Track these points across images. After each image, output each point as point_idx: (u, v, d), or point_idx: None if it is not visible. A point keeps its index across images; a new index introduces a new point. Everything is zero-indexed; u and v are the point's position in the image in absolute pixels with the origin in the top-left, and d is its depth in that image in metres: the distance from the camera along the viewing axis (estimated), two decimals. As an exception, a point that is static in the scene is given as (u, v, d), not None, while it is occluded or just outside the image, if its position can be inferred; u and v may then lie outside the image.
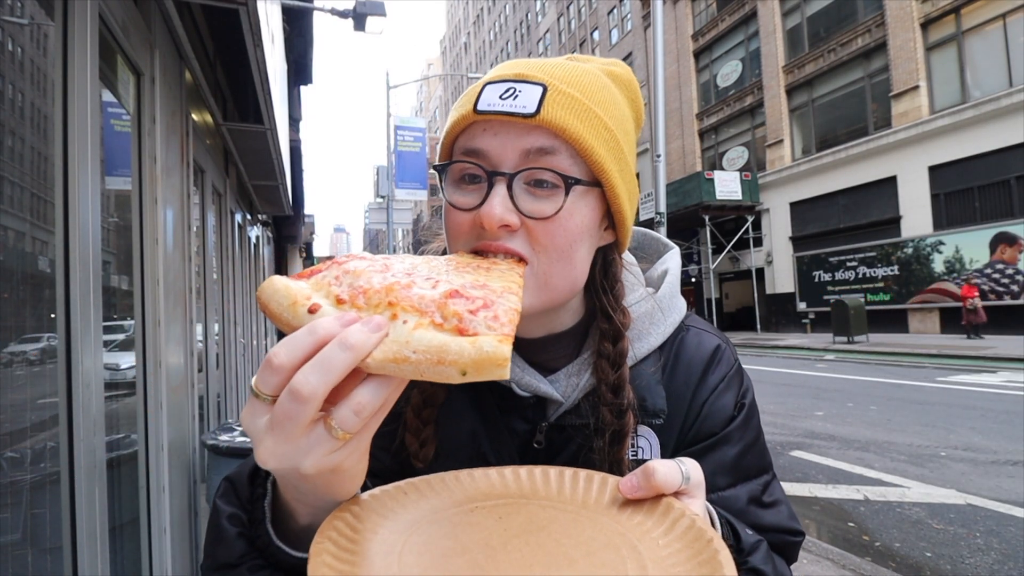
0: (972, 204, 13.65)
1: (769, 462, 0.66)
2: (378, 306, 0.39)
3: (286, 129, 5.14)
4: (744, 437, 0.64)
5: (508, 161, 0.54)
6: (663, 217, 7.52)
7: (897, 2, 14.98)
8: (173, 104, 2.32)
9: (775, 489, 0.65)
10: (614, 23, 28.23)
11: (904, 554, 3.21)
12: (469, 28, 59.12)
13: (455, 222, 0.56)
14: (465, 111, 0.55)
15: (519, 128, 0.54)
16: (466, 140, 0.56)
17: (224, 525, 0.50)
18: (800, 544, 0.65)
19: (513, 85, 0.54)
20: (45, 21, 1.42)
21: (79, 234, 1.38)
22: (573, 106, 0.54)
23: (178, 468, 2.23)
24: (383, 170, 18.89)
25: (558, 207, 0.54)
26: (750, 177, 19.05)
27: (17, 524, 1.31)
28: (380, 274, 0.42)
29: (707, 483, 0.59)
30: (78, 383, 1.36)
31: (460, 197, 0.56)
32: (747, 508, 0.61)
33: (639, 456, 0.61)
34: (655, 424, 0.62)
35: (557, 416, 0.62)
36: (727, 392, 0.65)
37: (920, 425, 6.08)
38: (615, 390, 0.60)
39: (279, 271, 11.53)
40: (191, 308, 2.53)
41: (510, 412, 0.63)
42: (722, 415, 0.64)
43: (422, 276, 0.44)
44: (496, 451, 0.62)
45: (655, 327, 0.65)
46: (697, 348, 0.67)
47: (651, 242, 0.77)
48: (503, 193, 0.53)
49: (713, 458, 0.62)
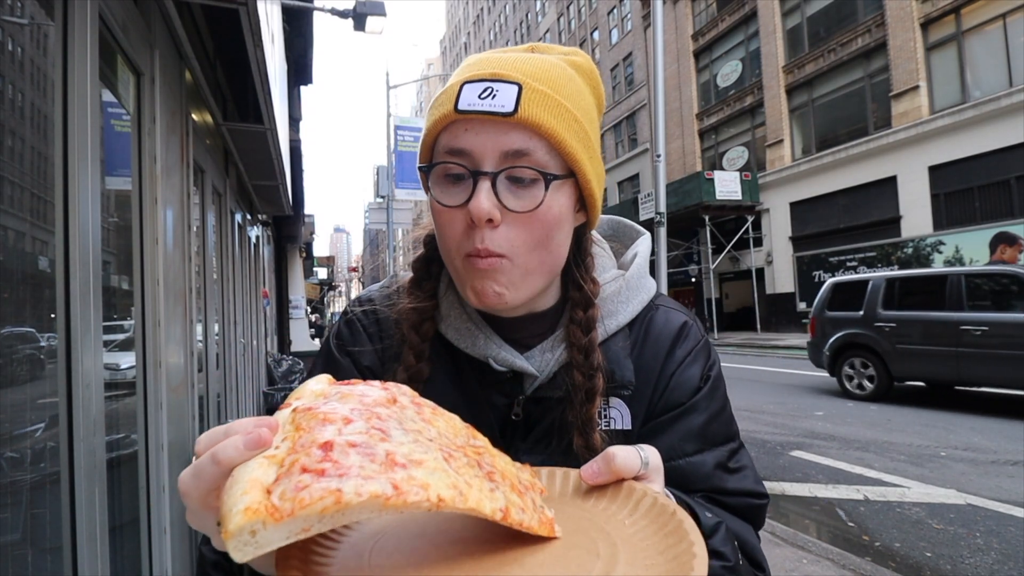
0: (972, 204, 13.65)
1: (736, 432, 0.70)
2: (292, 426, 0.38)
3: (286, 129, 5.14)
4: (710, 407, 0.68)
5: (489, 159, 0.57)
6: (663, 217, 7.50)
7: (897, 2, 14.97)
8: (173, 104, 2.33)
9: (742, 457, 0.68)
10: (614, 23, 28.22)
11: (904, 554, 3.21)
12: (469, 28, 59.11)
13: (444, 220, 0.60)
14: (446, 110, 0.58)
15: (499, 126, 0.57)
16: (449, 139, 0.59)
17: (209, 572, 0.53)
18: (766, 507, 0.68)
19: (490, 85, 0.57)
20: (45, 21, 1.41)
21: (79, 234, 1.38)
22: (546, 103, 0.58)
23: (178, 468, 2.22)
24: (383, 170, 18.89)
25: (538, 201, 0.58)
26: (750, 177, 19.05)
27: (17, 524, 1.31)
28: (351, 413, 0.39)
29: (675, 449, 0.65)
30: (78, 383, 1.36)
31: (446, 196, 0.59)
32: (713, 472, 0.65)
33: (611, 426, 0.66)
34: (625, 395, 0.67)
35: (533, 389, 0.66)
36: (694, 364, 0.69)
37: (920, 425, 6.09)
38: (586, 353, 0.64)
39: (279, 271, 11.53)
40: (191, 308, 2.53)
41: (489, 387, 0.67)
42: (689, 386, 0.68)
43: (405, 429, 0.40)
44: (476, 425, 0.65)
45: (624, 305, 0.70)
46: (665, 324, 0.71)
47: (625, 229, 0.81)
48: (488, 189, 0.57)
49: (680, 426, 0.66)
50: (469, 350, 0.66)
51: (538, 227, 0.59)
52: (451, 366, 0.68)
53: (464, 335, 0.67)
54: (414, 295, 0.69)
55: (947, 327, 6.75)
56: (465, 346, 0.67)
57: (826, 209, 17.29)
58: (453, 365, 0.68)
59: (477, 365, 0.67)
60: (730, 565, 0.52)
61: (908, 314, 7.22)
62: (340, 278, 61.08)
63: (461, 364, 0.68)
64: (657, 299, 0.73)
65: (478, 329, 0.67)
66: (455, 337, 0.67)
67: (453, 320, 0.68)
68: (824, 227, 17.29)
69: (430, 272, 0.71)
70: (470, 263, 0.59)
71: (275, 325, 10.91)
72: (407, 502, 0.34)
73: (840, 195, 16.82)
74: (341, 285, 79.38)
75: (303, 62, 7.49)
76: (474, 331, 0.67)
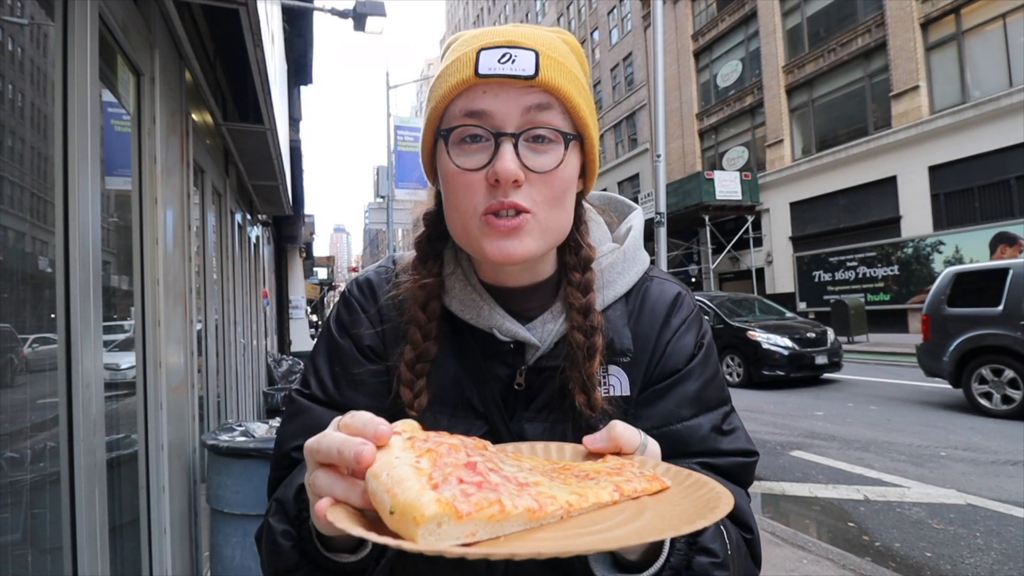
0: (972, 204, 13.65)
1: (727, 396, 0.73)
2: (419, 450, 0.42)
3: (286, 129, 5.14)
4: (704, 373, 0.70)
5: (511, 119, 0.59)
6: (663, 217, 7.51)
7: (897, 2, 14.97)
8: (173, 104, 2.32)
9: (733, 418, 0.71)
10: (614, 23, 28.22)
11: (904, 554, 3.21)
12: (469, 28, 58.97)
13: (462, 183, 0.61)
14: (466, 75, 0.59)
15: (518, 89, 0.59)
16: (466, 102, 0.60)
17: (279, 541, 0.57)
18: (755, 464, 0.70)
19: (508, 51, 0.59)
20: (45, 21, 1.41)
21: (79, 234, 1.38)
22: (560, 69, 0.61)
23: (178, 468, 2.23)
24: (383, 170, 18.88)
25: (558, 161, 0.61)
26: (750, 177, 19.04)
27: (17, 524, 1.31)
28: (458, 447, 0.44)
29: (673, 414, 0.68)
30: (78, 383, 1.36)
31: (467, 159, 0.60)
32: (709, 435, 0.68)
33: (611, 393, 0.67)
34: (623, 362, 0.69)
35: (535, 359, 0.68)
36: (688, 333, 0.72)
37: (920, 425, 6.08)
38: (585, 313, 0.66)
39: (279, 271, 11.53)
40: (191, 308, 2.53)
41: (492, 357, 0.68)
42: (684, 353, 0.70)
43: (506, 464, 0.46)
44: (481, 396, 0.68)
45: (621, 276, 0.72)
46: (660, 295, 0.73)
47: (617, 204, 0.83)
48: (511, 150, 0.58)
49: (677, 392, 0.69)
50: (473, 321, 0.68)
51: (557, 185, 0.61)
52: (453, 338, 0.69)
53: (468, 307, 0.68)
54: (419, 273, 0.70)
55: None
56: (469, 317, 0.68)
57: (826, 209, 17.28)
58: (455, 337, 0.69)
59: (480, 337, 0.68)
60: (718, 561, 0.54)
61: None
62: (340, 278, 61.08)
63: (463, 336, 0.69)
64: (651, 271, 0.76)
65: (483, 301, 0.68)
66: (459, 308, 0.68)
67: (457, 292, 0.69)
68: (824, 227, 17.29)
69: (433, 250, 0.71)
70: (490, 224, 0.60)
71: (275, 325, 10.91)
72: (547, 512, 0.40)
73: (840, 195, 16.81)
74: (341, 285, 79.25)
75: (303, 62, 7.49)
76: (479, 302, 0.68)
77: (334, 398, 0.68)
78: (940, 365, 6.77)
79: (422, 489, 0.37)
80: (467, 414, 0.68)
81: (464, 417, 0.68)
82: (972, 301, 6.56)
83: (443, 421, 0.67)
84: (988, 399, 6.36)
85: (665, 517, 0.42)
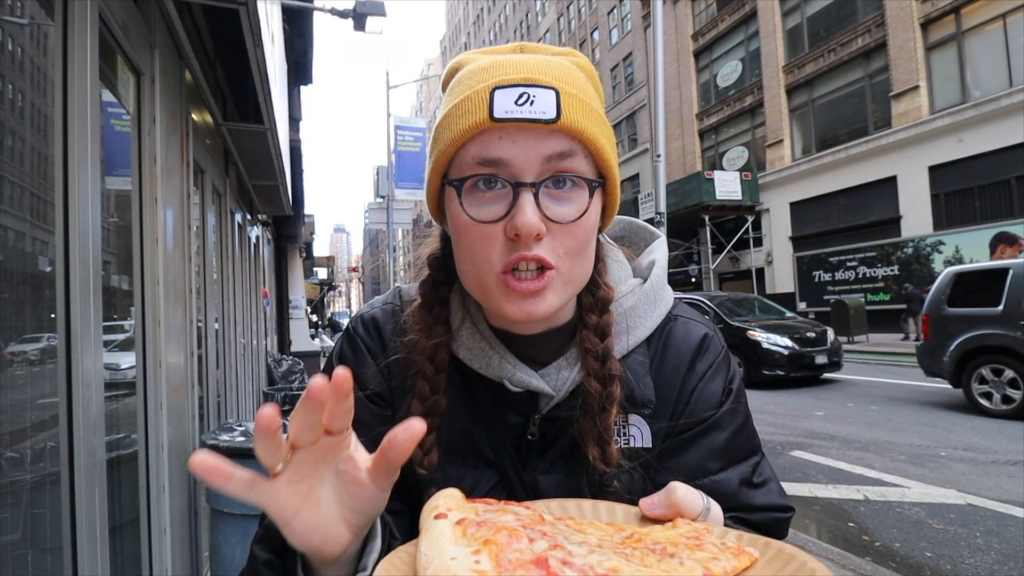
0: (972, 204, 13.65)
1: (758, 444, 0.68)
2: (476, 540, 0.38)
3: (286, 129, 5.14)
4: (733, 421, 0.65)
5: (530, 168, 0.54)
6: (663, 217, 7.51)
7: (897, 2, 14.97)
8: (173, 104, 2.32)
9: (765, 468, 0.66)
10: (614, 23, 28.22)
11: (904, 554, 3.21)
12: (469, 28, 59.11)
13: (477, 236, 0.55)
14: (479, 118, 0.54)
15: (537, 134, 0.54)
16: (480, 149, 0.55)
17: (261, 571, 0.52)
18: (790, 520, 0.66)
19: (526, 90, 0.53)
20: (45, 21, 1.41)
21: (79, 234, 1.38)
22: (582, 108, 0.55)
23: (178, 468, 2.22)
24: (383, 170, 18.87)
25: (582, 209, 0.55)
26: (750, 177, 19.04)
27: (17, 524, 1.31)
28: (516, 531, 0.39)
29: (700, 468, 0.63)
30: (78, 383, 1.36)
31: (482, 211, 0.55)
32: (739, 490, 0.63)
33: (631, 444, 0.63)
34: (644, 413, 0.64)
35: (549, 408, 0.63)
36: (715, 379, 0.66)
37: (920, 425, 6.08)
38: (602, 359, 0.61)
39: (279, 271, 11.53)
40: (191, 308, 2.53)
41: (503, 406, 0.64)
42: (711, 401, 0.65)
43: (572, 542, 0.40)
44: (492, 445, 0.64)
45: (643, 320, 0.66)
46: (685, 337, 0.68)
47: (637, 231, 0.78)
48: (531, 201, 0.53)
49: (704, 443, 0.64)
50: (483, 371, 0.63)
51: (581, 235, 0.56)
52: (462, 385, 0.65)
53: (478, 355, 0.64)
54: (424, 322, 0.65)
55: None
56: (479, 367, 0.64)
57: (826, 209, 17.29)
58: (464, 384, 0.65)
59: (490, 384, 0.64)
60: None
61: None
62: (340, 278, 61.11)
63: (473, 383, 0.65)
64: (676, 308, 0.70)
65: (492, 349, 0.63)
66: (468, 357, 0.64)
67: (466, 340, 0.64)
68: (824, 227, 17.29)
69: (439, 296, 0.67)
70: (510, 285, 0.55)
71: (275, 325, 10.90)
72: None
73: (840, 195, 16.81)
74: (341, 285, 79.26)
75: (303, 62, 7.49)
76: (488, 351, 0.63)
77: None
78: (940, 365, 6.77)
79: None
80: (478, 464, 0.64)
81: (475, 467, 0.64)
82: (972, 301, 6.55)
83: (453, 472, 0.63)
84: (988, 399, 6.37)
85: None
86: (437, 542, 0.37)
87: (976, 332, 6.39)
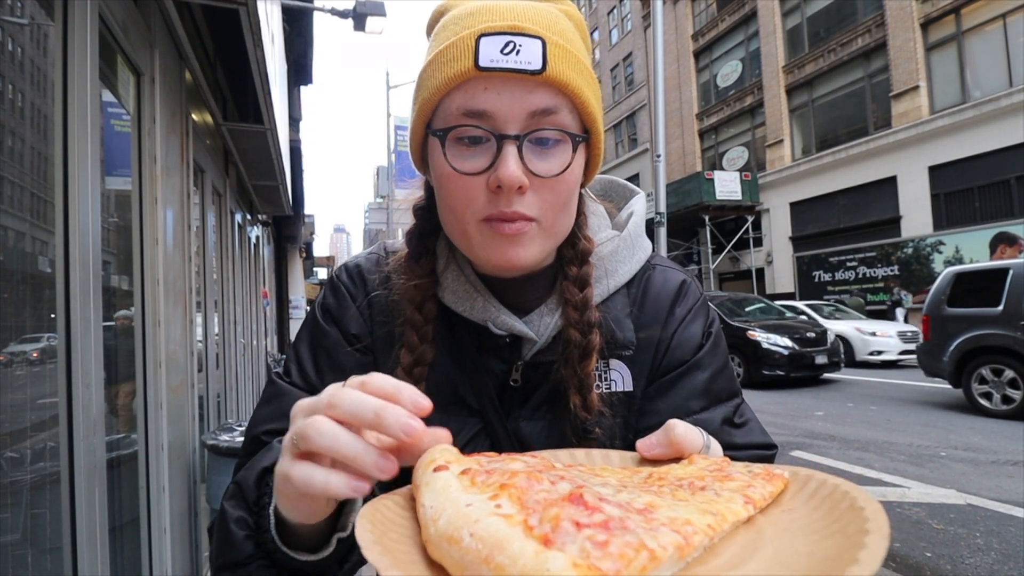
0: (972, 204, 13.65)
1: (738, 388, 0.69)
2: (489, 487, 0.34)
3: (286, 129, 5.14)
4: (713, 363, 0.67)
5: (514, 120, 0.54)
6: (663, 217, 7.52)
7: (897, 2, 14.97)
8: (173, 104, 2.32)
9: (746, 411, 0.68)
10: (614, 23, 28.21)
11: (904, 554, 3.21)
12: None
13: (459, 186, 0.56)
14: (463, 67, 0.53)
15: (523, 85, 0.54)
16: (465, 99, 0.54)
17: (232, 528, 0.51)
18: (774, 457, 0.67)
19: (512, 39, 0.53)
20: (45, 21, 1.41)
21: (79, 234, 1.38)
22: (568, 59, 0.55)
23: (178, 468, 2.22)
24: (383, 170, 18.88)
25: (565, 164, 0.56)
26: (750, 177, 19.04)
27: (17, 524, 1.31)
28: (534, 473, 0.36)
29: (682, 408, 0.64)
30: (78, 383, 1.36)
31: (465, 162, 0.55)
32: (721, 429, 0.64)
33: (613, 388, 0.64)
34: (625, 356, 0.65)
35: (532, 354, 0.64)
36: (695, 322, 0.68)
37: (920, 425, 6.08)
38: (581, 309, 0.62)
39: (279, 271, 11.53)
40: (191, 308, 2.53)
41: (487, 353, 0.65)
42: (691, 343, 0.67)
43: (594, 484, 0.37)
44: (475, 392, 0.64)
45: (622, 265, 0.68)
46: (664, 283, 0.69)
47: (617, 188, 0.79)
48: (515, 154, 0.53)
49: (686, 384, 0.65)
50: (468, 314, 0.64)
51: (563, 190, 0.57)
52: (447, 335, 0.65)
53: (462, 298, 0.64)
54: (412, 272, 0.65)
55: None
56: (463, 310, 0.64)
57: (826, 209, 17.28)
58: (449, 333, 0.65)
59: (475, 331, 0.65)
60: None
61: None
62: (340, 278, 60.67)
63: (458, 331, 0.65)
64: (653, 258, 0.72)
65: (477, 293, 0.64)
66: (452, 301, 0.64)
67: (450, 283, 0.65)
68: (824, 227, 17.29)
69: (425, 245, 0.66)
70: (490, 228, 0.55)
71: (275, 325, 10.90)
72: (694, 546, 0.31)
73: (840, 195, 16.81)
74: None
75: (303, 62, 7.49)
76: (473, 295, 0.64)
77: (316, 386, 0.64)
78: (940, 365, 6.77)
79: (538, 550, 0.28)
80: (460, 412, 0.64)
81: (457, 415, 0.64)
82: (972, 301, 6.55)
83: (434, 420, 0.64)
84: (988, 399, 6.37)
85: (806, 547, 0.32)
86: (443, 492, 0.34)
87: (976, 332, 6.40)
